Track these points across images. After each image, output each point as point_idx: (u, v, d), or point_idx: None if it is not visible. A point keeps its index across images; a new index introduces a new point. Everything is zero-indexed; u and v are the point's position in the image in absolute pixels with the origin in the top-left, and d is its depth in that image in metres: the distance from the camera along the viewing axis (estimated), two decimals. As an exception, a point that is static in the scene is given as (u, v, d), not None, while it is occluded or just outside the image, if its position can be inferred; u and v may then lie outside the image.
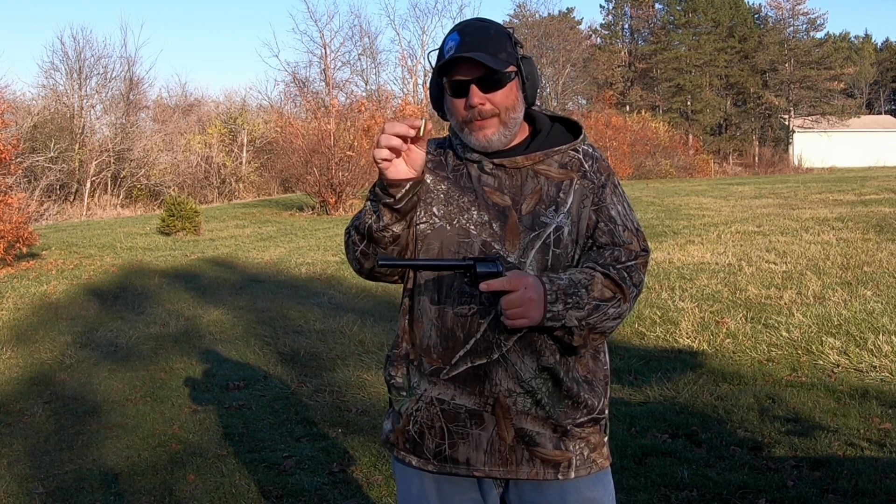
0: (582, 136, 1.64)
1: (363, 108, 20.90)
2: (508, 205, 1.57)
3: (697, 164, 37.64)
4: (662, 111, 47.54)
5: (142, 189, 27.86)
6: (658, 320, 6.17)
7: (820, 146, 42.83)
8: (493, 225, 1.56)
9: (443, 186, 1.62)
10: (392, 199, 1.49)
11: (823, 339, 5.37)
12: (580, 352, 1.58)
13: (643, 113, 41.10)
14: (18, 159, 13.41)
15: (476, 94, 1.52)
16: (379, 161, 1.46)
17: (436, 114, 1.67)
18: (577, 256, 1.58)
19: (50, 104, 28.09)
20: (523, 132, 1.63)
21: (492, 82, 1.53)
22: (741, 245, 10.10)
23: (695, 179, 31.08)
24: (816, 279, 7.48)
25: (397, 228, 1.54)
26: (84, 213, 24.34)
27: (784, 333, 5.58)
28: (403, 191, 1.49)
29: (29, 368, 5.46)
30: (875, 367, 4.77)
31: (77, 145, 26.48)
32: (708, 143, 46.27)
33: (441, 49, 1.58)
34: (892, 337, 5.28)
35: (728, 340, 5.52)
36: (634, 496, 3.18)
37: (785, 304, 6.53)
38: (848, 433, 3.72)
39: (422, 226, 1.61)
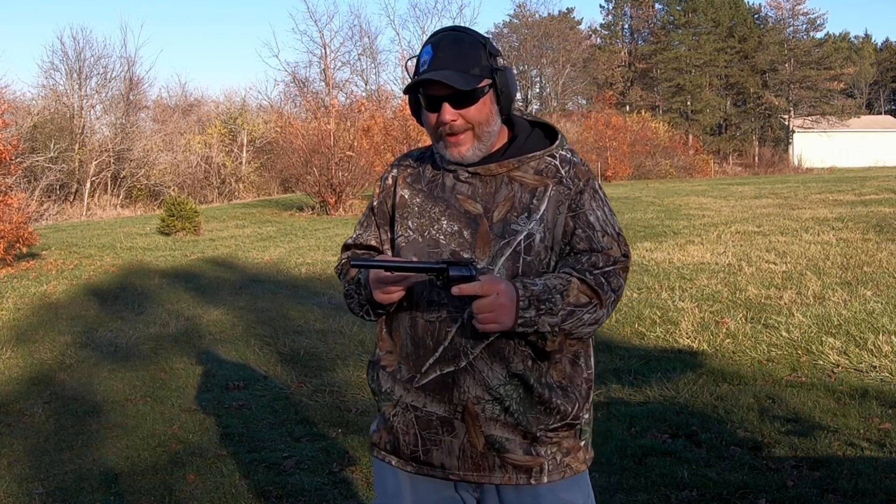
0: (558, 142, 1.64)
1: (363, 108, 20.90)
2: (480, 213, 1.58)
3: (697, 164, 37.68)
4: (662, 111, 47.55)
5: (142, 189, 27.86)
6: (658, 320, 6.17)
7: (820, 146, 42.84)
8: (464, 233, 1.58)
9: (417, 199, 1.65)
10: (385, 312, 1.66)
11: (823, 339, 5.37)
12: (555, 357, 1.58)
13: (643, 113, 41.13)
14: (18, 159, 13.40)
15: (448, 111, 1.54)
16: (387, 299, 1.57)
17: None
18: (552, 262, 1.58)
19: (50, 104, 28.09)
20: (502, 138, 1.64)
21: (463, 98, 1.53)
22: (741, 245, 10.10)
23: (695, 179, 31.09)
24: (816, 279, 7.48)
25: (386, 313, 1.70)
26: (84, 214, 24.34)
27: (784, 333, 5.58)
28: (395, 305, 1.62)
29: (29, 368, 5.46)
30: (875, 367, 4.77)
31: (77, 145, 26.48)
32: (708, 143, 46.28)
33: (418, 59, 1.59)
34: (892, 337, 5.28)
35: (728, 340, 5.52)
36: (634, 496, 3.18)
37: (785, 304, 6.53)
38: (848, 433, 3.72)
39: (398, 239, 1.65)
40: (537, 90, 48.29)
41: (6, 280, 9.22)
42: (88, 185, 26.33)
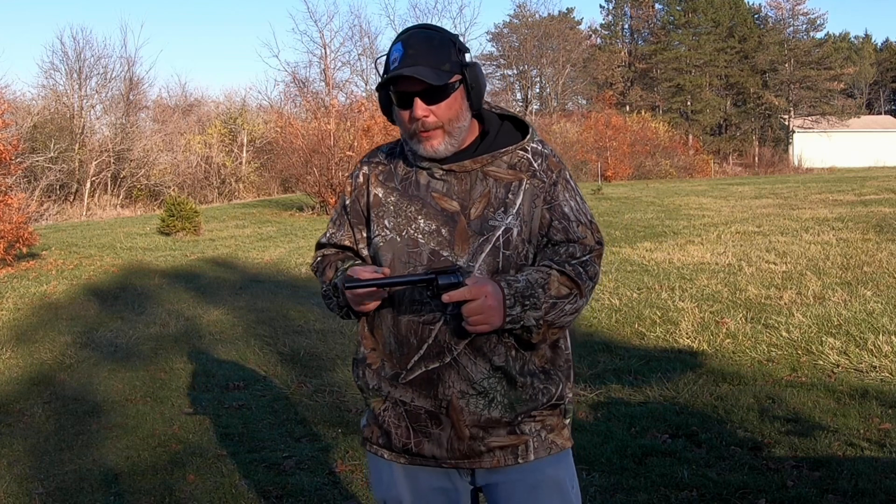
0: (530, 135, 1.66)
1: (363, 108, 20.87)
2: (457, 210, 1.60)
3: (697, 164, 37.66)
4: (662, 111, 47.55)
5: (142, 189, 27.83)
6: (658, 320, 6.17)
7: (820, 146, 42.85)
8: (442, 231, 1.60)
9: (392, 198, 1.66)
10: (366, 316, 1.68)
11: (823, 339, 5.36)
12: (539, 346, 1.62)
13: (643, 113, 41.11)
14: (18, 159, 13.37)
15: (419, 107, 1.56)
16: (365, 310, 1.61)
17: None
18: (531, 255, 1.61)
19: (50, 104, 28.07)
20: (473, 133, 1.65)
21: (435, 94, 1.55)
22: (741, 245, 10.10)
23: (695, 179, 31.08)
24: (816, 279, 7.48)
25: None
26: (84, 214, 24.32)
27: (784, 333, 5.58)
28: (373, 311, 1.65)
29: (29, 368, 5.46)
30: (875, 367, 4.77)
31: (77, 145, 26.46)
32: (708, 143, 46.29)
33: (387, 57, 1.60)
34: (892, 337, 5.28)
35: (728, 340, 5.52)
36: (634, 496, 3.18)
37: (785, 304, 6.53)
38: (848, 433, 3.72)
39: (376, 239, 1.66)
40: (537, 90, 48.31)
41: (6, 280, 9.22)
42: (88, 185, 26.31)
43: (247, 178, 30.70)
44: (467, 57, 1.60)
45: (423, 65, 1.53)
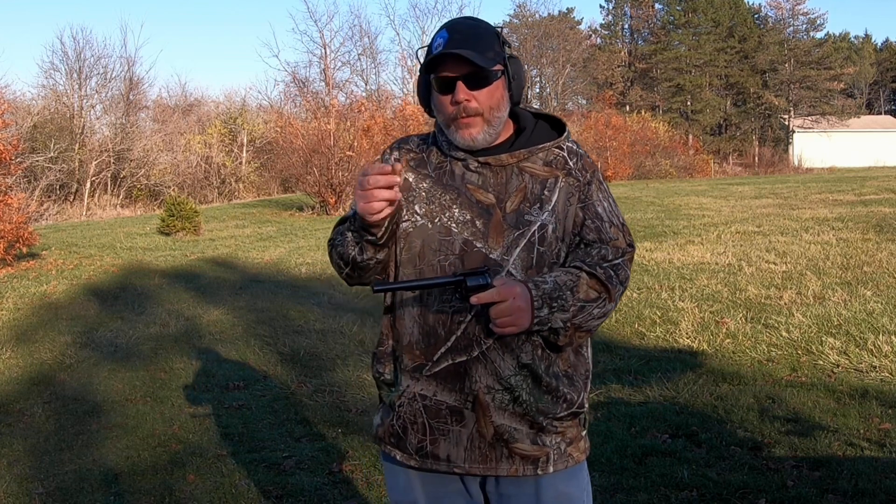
0: (566, 134, 1.66)
1: (363, 108, 20.89)
2: (493, 202, 1.59)
3: (697, 164, 37.64)
4: (662, 111, 47.54)
5: (142, 189, 27.84)
6: (658, 320, 6.17)
7: (820, 146, 42.84)
8: (477, 223, 1.58)
9: (424, 184, 1.64)
10: (374, 238, 1.55)
11: (823, 339, 5.37)
12: (565, 349, 1.61)
13: (643, 113, 41.09)
14: (18, 159, 13.37)
15: (462, 91, 1.54)
16: (374, 214, 1.47)
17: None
18: (563, 254, 1.60)
19: (50, 104, 28.09)
20: (508, 130, 1.65)
21: (478, 80, 1.54)
22: (741, 245, 10.10)
23: (695, 179, 31.08)
24: (816, 279, 7.48)
25: (381, 256, 1.61)
26: (84, 213, 24.32)
27: (784, 333, 5.58)
28: (384, 229, 1.54)
29: (29, 368, 5.46)
30: (875, 367, 4.77)
31: (77, 145, 26.47)
32: (708, 143, 46.28)
33: (430, 46, 1.60)
34: (892, 337, 5.28)
35: (728, 340, 5.52)
36: (634, 496, 3.18)
37: (785, 304, 6.53)
38: (848, 433, 3.72)
39: (404, 224, 1.62)
40: (537, 90, 48.29)
41: (6, 280, 9.22)
42: (88, 185, 26.32)
43: (247, 178, 30.71)
44: (508, 51, 1.60)
45: (469, 49, 1.52)
